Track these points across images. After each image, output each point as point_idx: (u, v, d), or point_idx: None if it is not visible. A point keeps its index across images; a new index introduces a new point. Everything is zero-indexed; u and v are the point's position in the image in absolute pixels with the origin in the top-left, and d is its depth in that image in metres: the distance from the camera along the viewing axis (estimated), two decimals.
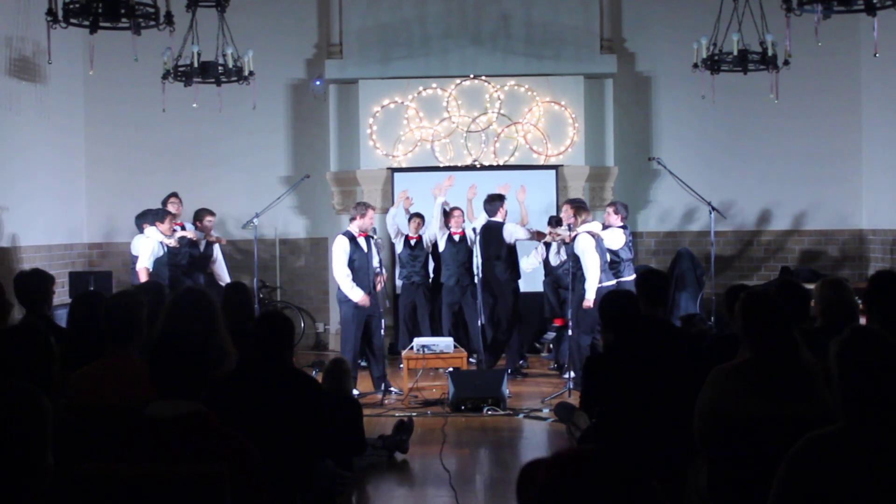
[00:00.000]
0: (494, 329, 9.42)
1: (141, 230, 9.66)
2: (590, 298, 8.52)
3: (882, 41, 7.50)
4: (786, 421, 3.56)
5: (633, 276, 9.04)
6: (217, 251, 10.04)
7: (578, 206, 8.99)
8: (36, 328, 3.53)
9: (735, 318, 3.94)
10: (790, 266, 11.65)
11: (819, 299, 4.95)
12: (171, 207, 9.84)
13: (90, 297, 5.25)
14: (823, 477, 2.53)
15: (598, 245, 8.69)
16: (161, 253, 9.32)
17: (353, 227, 8.71)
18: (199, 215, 9.96)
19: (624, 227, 9.13)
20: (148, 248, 9.26)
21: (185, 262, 9.72)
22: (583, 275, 8.63)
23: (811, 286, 5.37)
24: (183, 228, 9.82)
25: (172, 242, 9.40)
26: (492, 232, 9.42)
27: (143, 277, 8.99)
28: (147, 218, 9.69)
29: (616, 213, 9.15)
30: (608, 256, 8.90)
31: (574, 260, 8.73)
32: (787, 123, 11.68)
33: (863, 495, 2.50)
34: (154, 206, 11.73)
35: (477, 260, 9.15)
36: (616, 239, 8.97)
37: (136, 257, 9.49)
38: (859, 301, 5.28)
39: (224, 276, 10.00)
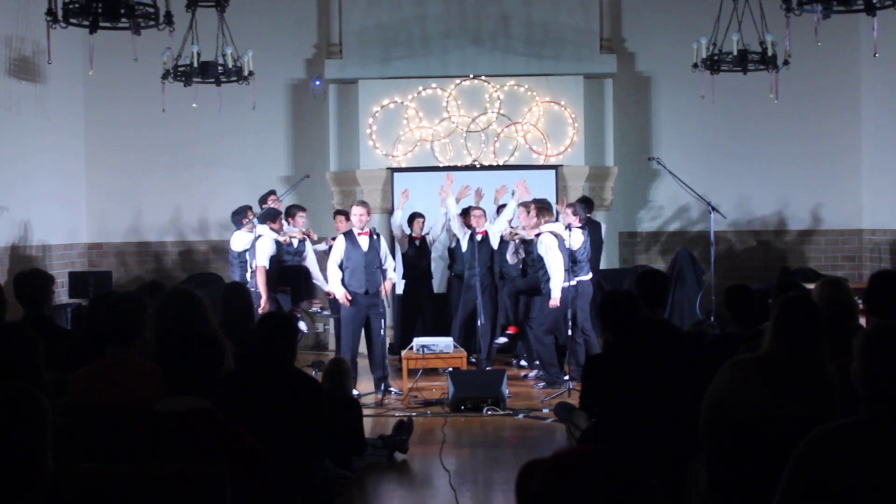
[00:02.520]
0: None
1: (239, 226, 9.54)
2: (556, 297, 8.68)
3: (882, 41, 7.51)
4: (795, 422, 3.55)
5: (590, 276, 9.20)
6: (308, 248, 9.94)
7: (541, 207, 9.05)
8: (21, 327, 3.51)
9: (771, 313, 3.91)
10: (790, 266, 11.65)
11: (818, 299, 4.94)
12: (272, 204, 9.63)
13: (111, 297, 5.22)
14: (838, 468, 2.52)
15: (560, 245, 8.77)
16: (274, 251, 9.22)
17: (353, 227, 8.79)
18: (290, 212, 9.74)
19: (583, 228, 9.19)
20: (266, 247, 9.10)
21: (287, 259, 9.52)
22: (545, 274, 8.75)
23: (811, 286, 5.36)
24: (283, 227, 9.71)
25: (285, 239, 9.30)
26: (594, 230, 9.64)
27: (262, 276, 8.93)
28: (244, 215, 9.56)
29: (575, 214, 9.20)
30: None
31: (538, 259, 8.87)
32: (787, 123, 11.68)
33: (880, 489, 2.49)
34: (152, 204, 11.76)
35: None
36: (576, 238, 9.03)
37: (237, 253, 9.39)
38: (859, 301, 5.28)
39: (317, 273, 9.88)
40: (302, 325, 9.20)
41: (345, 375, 6.48)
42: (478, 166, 11.11)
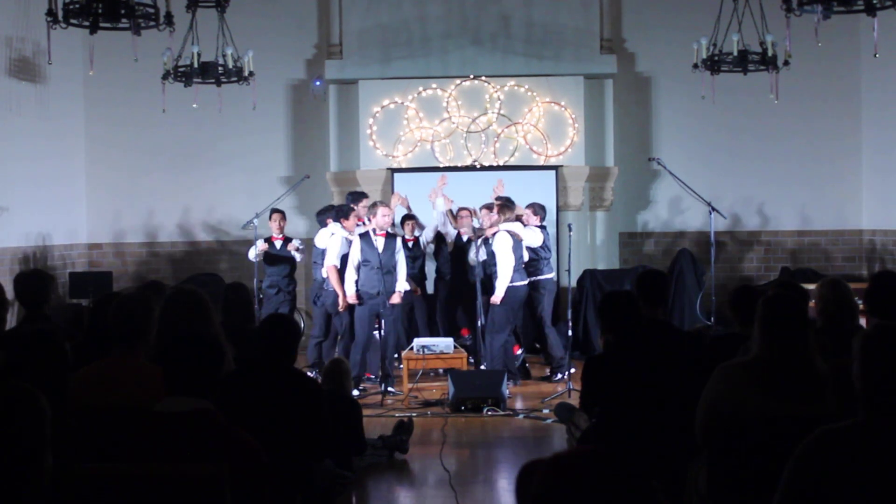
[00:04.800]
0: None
1: (323, 225, 9.58)
2: (498, 296, 8.81)
3: (882, 42, 7.50)
4: (792, 421, 3.56)
5: (552, 274, 9.40)
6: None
7: (504, 205, 9.16)
8: (52, 333, 3.51)
9: (756, 315, 3.91)
10: (790, 266, 11.65)
11: (819, 299, 4.95)
12: (360, 207, 9.54)
13: (111, 297, 5.21)
14: (837, 470, 2.52)
15: (516, 245, 8.90)
16: (346, 249, 9.16)
17: (374, 227, 8.86)
18: (374, 210, 9.83)
19: (542, 227, 9.38)
20: (336, 245, 9.11)
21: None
22: (496, 272, 8.90)
23: (811, 286, 5.36)
24: (363, 225, 9.52)
25: (355, 238, 9.21)
26: None
27: (333, 275, 8.98)
28: (329, 213, 9.57)
29: (535, 214, 9.43)
30: (527, 255, 9.15)
31: (491, 257, 8.96)
32: (787, 124, 11.68)
33: (880, 490, 2.49)
34: (152, 205, 11.78)
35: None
36: (535, 237, 9.21)
37: (321, 251, 9.41)
38: (859, 301, 5.28)
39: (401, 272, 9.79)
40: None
41: (344, 376, 6.48)
42: (478, 167, 11.12)
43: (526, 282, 9.06)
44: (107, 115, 11.68)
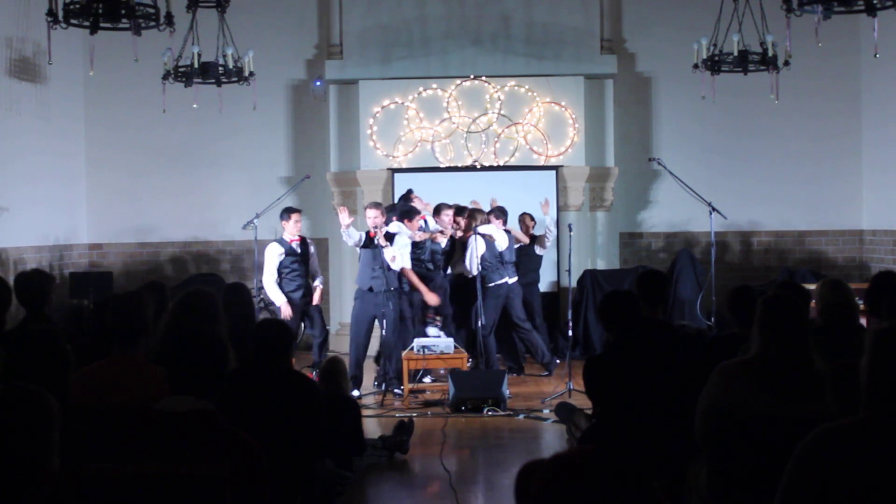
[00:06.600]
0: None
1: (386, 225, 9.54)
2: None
3: (882, 41, 7.51)
4: (791, 421, 3.56)
5: (516, 279, 9.55)
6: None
7: (474, 210, 9.38)
8: (54, 333, 3.52)
9: (755, 315, 3.92)
10: (790, 266, 11.65)
11: (819, 300, 4.96)
12: (416, 203, 9.49)
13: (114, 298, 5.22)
14: (839, 467, 2.51)
15: (489, 247, 9.12)
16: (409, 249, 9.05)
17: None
18: (437, 210, 9.61)
19: (507, 231, 9.57)
20: (405, 245, 8.95)
21: (427, 256, 9.33)
22: (489, 276, 9.12)
23: (811, 286, 5.36)
24: (426, 223, 9.48)
25: (420, 237, 9.17)
26: None
27: (412, 276, 8.91)
28: (393, 213, 9.34)
29: (497, 218, 9.58)
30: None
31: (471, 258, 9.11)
32: (788, 124, 11.68)
33: (882, 487, 2.49)
34: (153, 205, 11.77)
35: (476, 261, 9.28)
36: (503, 240, 9.36)
37: None
38: (859, 302, 5.29)
39: (472, 271, 9.78)
40: (432, 331, 9.18)
41: (341, 375, 6.47)
42: (478, 167, 11.12)
43: (504, 280, 9.27)
44: (107, 115, 11.68)
